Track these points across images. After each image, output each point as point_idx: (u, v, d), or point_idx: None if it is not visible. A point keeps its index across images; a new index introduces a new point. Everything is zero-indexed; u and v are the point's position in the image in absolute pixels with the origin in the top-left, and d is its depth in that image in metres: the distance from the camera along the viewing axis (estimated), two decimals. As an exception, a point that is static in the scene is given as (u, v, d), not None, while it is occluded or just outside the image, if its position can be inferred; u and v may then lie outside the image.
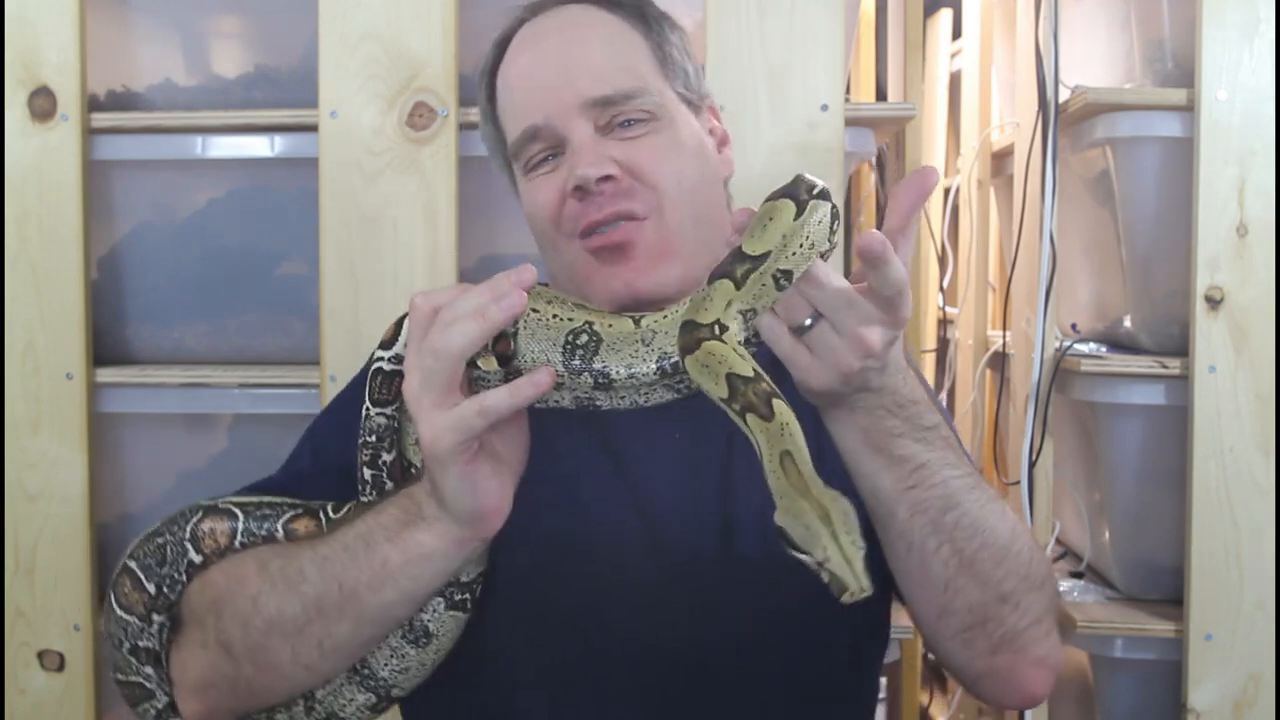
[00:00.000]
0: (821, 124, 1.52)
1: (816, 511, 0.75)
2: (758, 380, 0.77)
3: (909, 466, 0.87)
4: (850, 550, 0.74)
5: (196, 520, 0.99)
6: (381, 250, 1.56)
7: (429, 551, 0.87)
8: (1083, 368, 1.66)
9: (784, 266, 0.79)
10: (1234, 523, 1.58)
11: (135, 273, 1.69)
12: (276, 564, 0.93)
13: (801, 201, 0.80)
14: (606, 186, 0.99)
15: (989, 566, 0.89)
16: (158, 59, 1.69)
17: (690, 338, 0.79)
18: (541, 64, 1.04)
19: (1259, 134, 1.57)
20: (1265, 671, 1.58)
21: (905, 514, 0.88)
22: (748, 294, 0.80)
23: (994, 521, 0.90)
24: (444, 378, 0.81)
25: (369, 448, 0.96)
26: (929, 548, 0.89)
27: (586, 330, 0.84)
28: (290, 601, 0.90)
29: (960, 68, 2.48)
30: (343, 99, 1.55)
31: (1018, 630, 0.92)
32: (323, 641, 0.90)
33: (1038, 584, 0.93)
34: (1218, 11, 1.57)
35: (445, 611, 0.95)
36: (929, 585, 0.91)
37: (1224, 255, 1.58)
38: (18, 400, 1.61)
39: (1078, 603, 1.73)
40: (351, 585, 0.88)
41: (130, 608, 1.00)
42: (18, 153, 1.59)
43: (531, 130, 1.02)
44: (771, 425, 0.77)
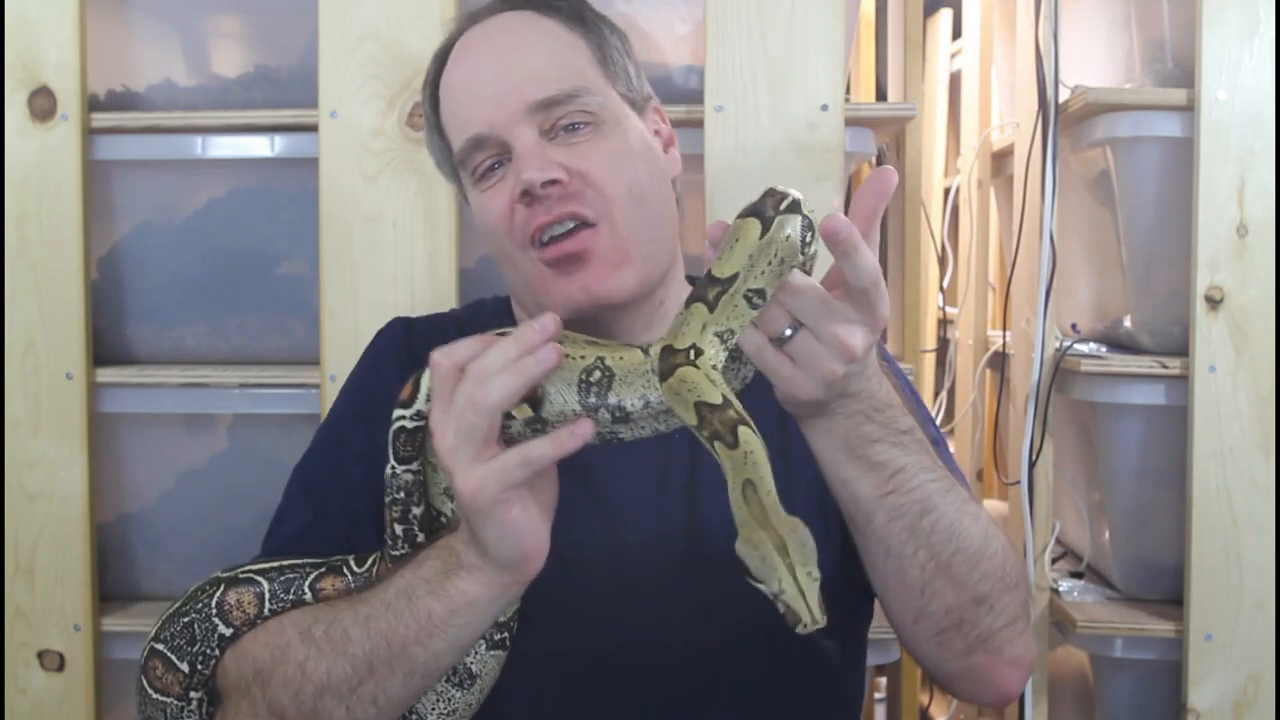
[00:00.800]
0: (821, 124, 1.52)
1: (774, 542, 0.76)
2: (725, 408, 0.78)
3: (886, 472, 0.87)
4: (805, 582, 0.75)
5: (220, 593, 0.99)
6: (381, 250, 1.56)
7: (473, 600, 0.88)
8: (1083, 368, 1.66)
9: (754, 286, 0.80)
10: (1234, 523, 1.58)
11: (135, 273, 1.69)
12: (319, 630, 0.93)
13: (767, 219, 0.80)
14: (553, 190, 0.99)
15: (965, 569, 0.90)
16: (158, 59, 1.69)
17: (667, 364, 0.80)
18: (481, 71, 1.04)
19: (1259, 134, 1.57)
20: (1265, 671, 1.58)
21: (883, 520, 0.89)
22: (721, 316, 0.80)
23: (968, 525, 0.91)
24: (483, 432, 0.82)
25: (398, 505, 0.96)
26: (906, 553, 0.89)
27: (599, 367, 0.85)
28: (339, 664, 0.90)
29: (960, 68, 2.48)
30: (343, 99, 1.55)
31: (993, 631, 0.93)
32: (377, 698, 0.91)
33: (1012, 584, 0.94)
34: (1218, 11, 1.57)
35: (487, 652, 0.96)
36: (906, 589, 0.92)
37: (1224, 255, 1.58)
38: (18, 400, 1.61)
39: (1078, 603, 1.73)
40: (400, 641, 0.89)
41: (166, 690, 1.00)
42: (18, 153, 1.59)
43: (476, 140, 1.03)
44: (735, 453, 0.78)
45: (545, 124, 1.02)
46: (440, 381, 0.84)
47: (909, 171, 2.09)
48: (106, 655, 1.65)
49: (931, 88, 2.49)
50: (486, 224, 1.05)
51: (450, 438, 0.83)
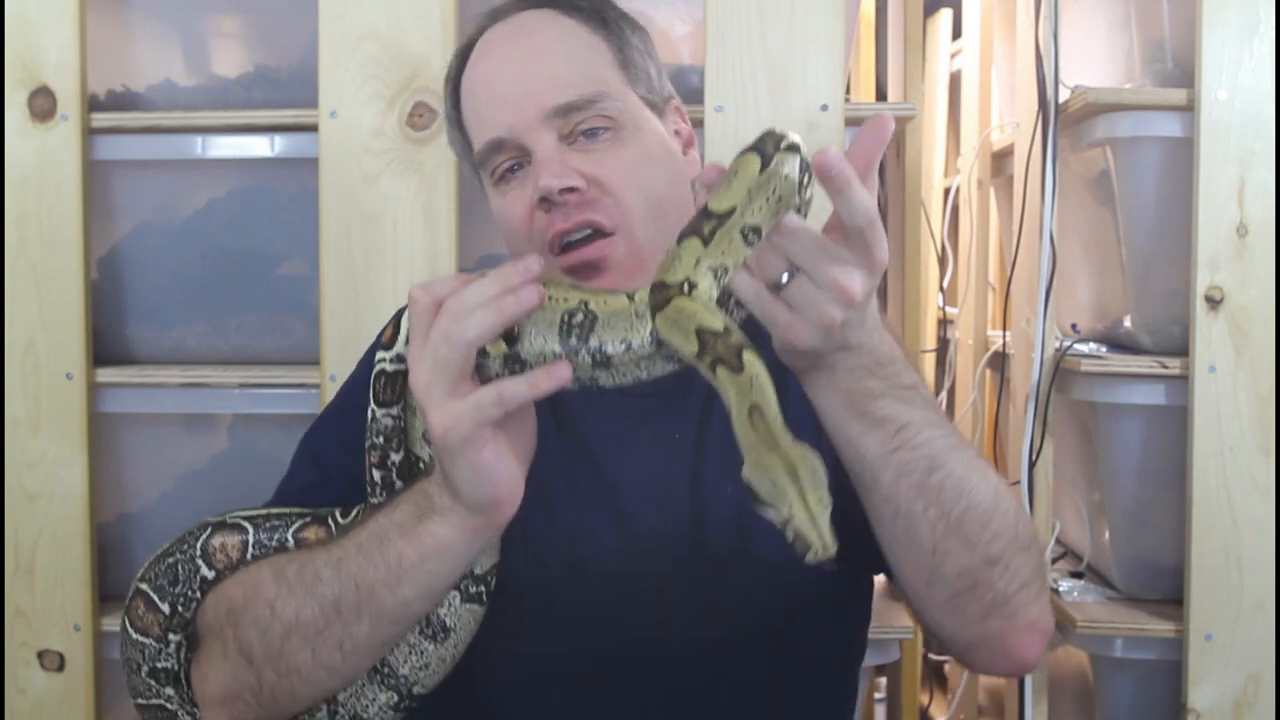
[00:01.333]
0: (821, 124, 1.52)
1: (784, 466, 0.74)
2: (727, 333, 0.76)
3: (892, 428, 0.85)
4: (816, 508, 0.73)
5: (206, 536, 0.99)
6: (381, 250, 1.56)
7: (444, 544, 0.87)
8: (1083, 368, 1.66)
9: (751, 222, 0.78)
10: (1234, 523, 1.58)
11: (135, 273, 1.69)
12: (292, 569, 0.93)
13: (767, 155, 0.78)
14: (571, 197, 0.99)
15: (976, 528, 0.88)
16: (158, 59, 1.69)
17: (660, 296, 0.78)
18: (501, 73, 1.04)
19: (1259, 134, 1.57)
20: (1265, 671, 1.58)
21: (890, 478, 0.86)
22: (716, 251, 0.79)
23: (978, 482, 0.89)
24: (457, 367, 0.81)
25: (376, 449, 0.96)
26: (915, 511, 0.87)
27: (582, 309, 0.84)
28: (308, 604, 0.90)
29: (960, 68, 2.48)
30: (343, 99, 1.55)
31: (1008, 594, 0.91)
32: (343, 642, 0.90)
33: (1025, 545, 0.91)
34: (1218, 11, 1.57)
35: (461, 605, 0.95)
36: (917, 550, 0.89)
37: (1224, 255, 1.58)
38: (18, 400, 1.61)
39: (1078, 603, 1.73)
40: (369, 584, 0.89)
41: (145, 630, 1.00)
42: (18, 153, 1.59)
43: (495, 143, 1.03)
44: (741, 378, 0.76)
45: (564, 129, 1.01)
46: (418, 317, 0.84)
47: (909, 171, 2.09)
48: (106, 655, 1.65)
49: (931, 88, 2.49)
50: (507, 226, 1.05)
51: (425, 373, 0.82)
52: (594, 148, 1.02)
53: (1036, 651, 0.96)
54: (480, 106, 1.05)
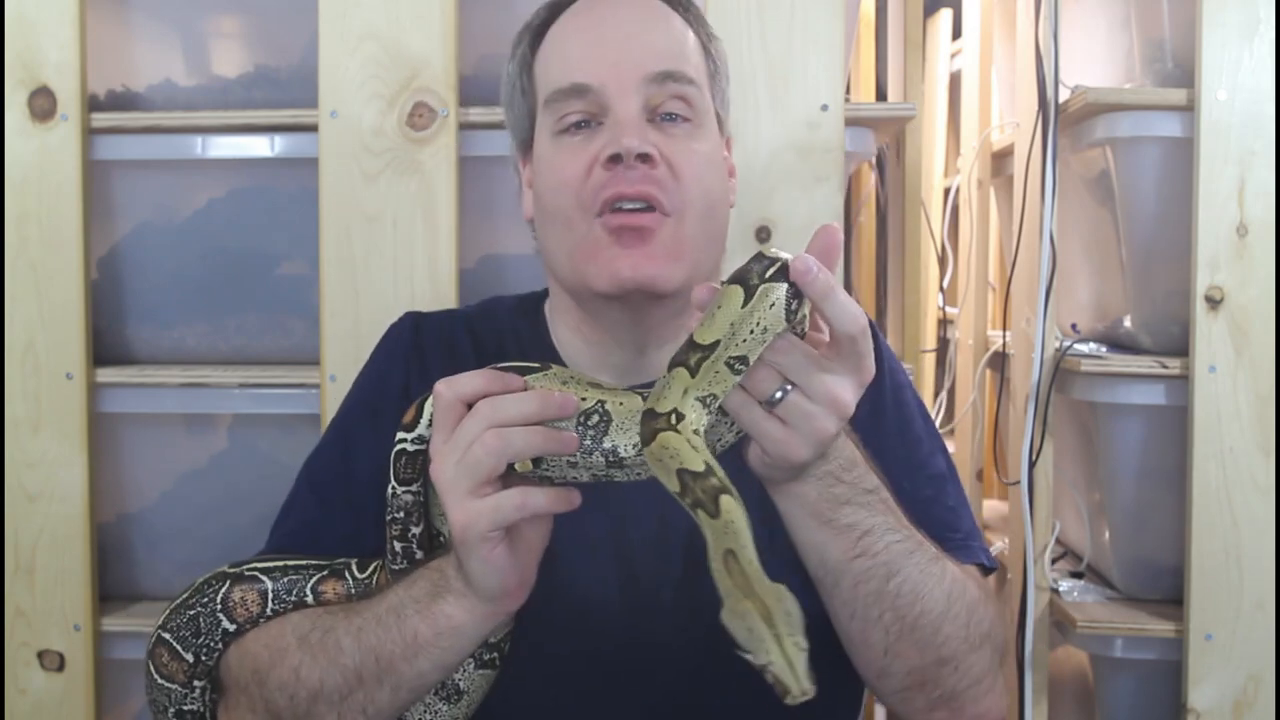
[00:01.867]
0: (821, 124, 1.52)
1: (759, 612, 0.75)
2: (707, 475, 0.77)
3: (854, 535, 0.87)
4: (792, 652, 0.74)
5: (226, 589, 1.01)
6: (381, 250, 1.56)
7: (457, 625, 0.89)
8: (1083, 368, 1.66)
9: (735, 354, 0.79)
10: (1234, 523, 1.58)
11: (135, 273, 1.69)
12: (315, 636, 0.95)
13: (751, 287, 0.79)
14: (641, 166, 0.99)
15: (928, 632, 0.90)
16: (158, 59, 1.69)
17: (648, 428, 0.80)
18: (605, 30, 1.04)
19: (1259, 134, 1.57)
20: (1265, 671, 1.58)
21: (849, 584, 0.88)
22: (702, 381, 0.80)
23: (932, 586, 0.90)
24: (487, 471, 0.83)
25: (398, 523, 0.98)
26: (871, 615, 0.89)
27: (598, 411, 0.85)
28: (331, 673, 0.93)
29: (960, 68, 2.48)
30: (343, 99, 1.55)
31: (956, 691, 0.93)
32: (366, 708, 0.93)
33: (978, 643, 0.93)
34: (1218, 11, 1.57)
35: (475, 671, 0.98)
36: (869, 649, 0.92)
37: (1224, 255, 1.58)
38: (18, 400, 1.61)
39: (1078, 603, 1.73)
40: (388, 657, 0.91)
41: (171, 677, 1.03)
42: (18, 153, 1.59)
43: (579, 87, 1.01)
44: (717, 523, 0.77)
45: (654, 99, 1.01)
46: (442, 412, 0.85)
47: (909, 171, 2.09)
48: (106, 655, 1.65)
49: (931, 88, 2.49)
50: (556, 178, 1.03)
51: (450, 469, 0.84)
52: (673, 131, 1.02)
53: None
54: (572, 53, 1.04)
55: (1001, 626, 0.99)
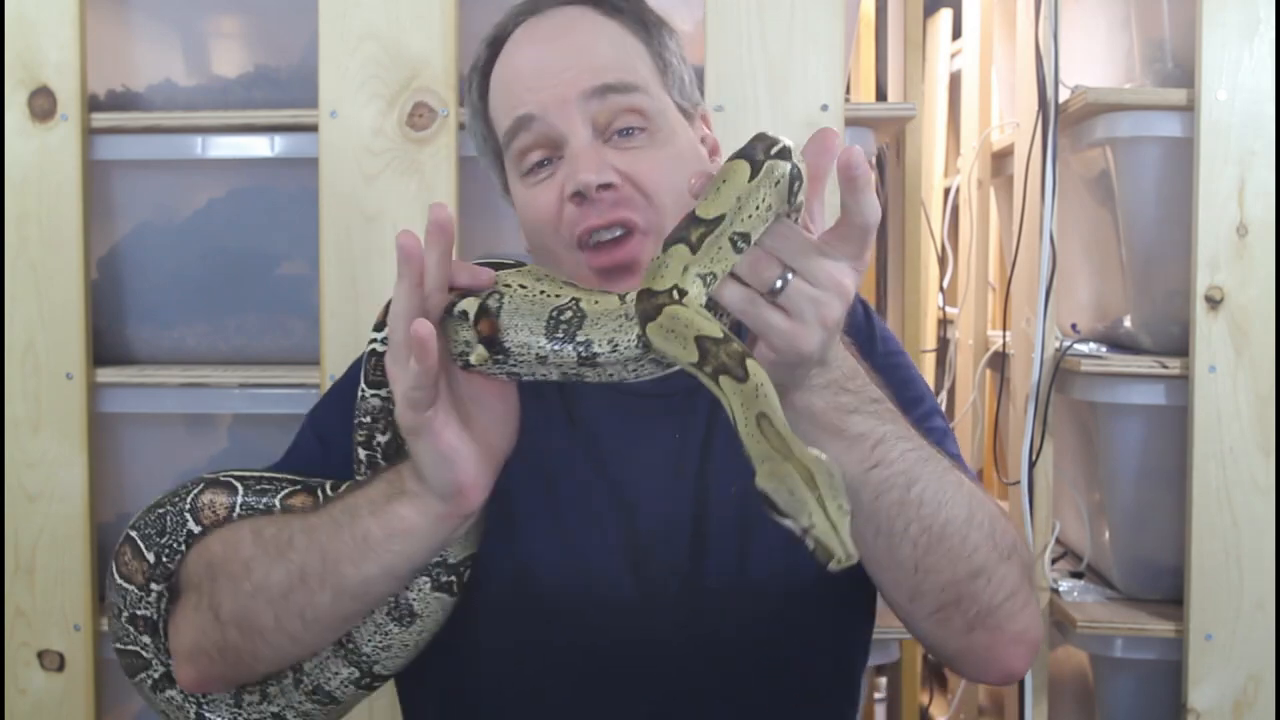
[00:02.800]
0: (821, 124, 1.51)
1: (801, 474, 0.72)
2: (729, 341, 0.75)
3: (868, 444, 0.85)
4: (836, 515, 0.71)
5: (197, 492, 1.00)
6: (382, 250, 1.56)
7: (409, 526, 0.88)
8: (1083, 368, 1.66)
9: (740, 229, 0.77)
10: (1234, 523, 1.58)
11: (135, 273, 1.69)
12: (270, 531, 0.94)
13: (757, 162, 0.77)
14: (606, 195, 0.98)
15: (956, 541, 0.88)
16: (158, 59, 1.69)
17: (649, 304, 0.77)
18: (539, 58, 1.03)
19: (1259, 134, 1.57)
20: (1265, 671, 1.58)
21: (870, 496, 0.86)
22: (704, 258, 0.77)
23: (953, 493, 0.88)
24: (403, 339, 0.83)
25: (364, 428, 0.97)
26: (896, 529, 0.87)
27: (571, 307, 0.84)
28: (277, 568, 0.91)
29: (960, 68, 2.48)
30: (343, 99, 1.55)
31: (993, 606, 0.90)
32: (304, 611, 0.91)
33: (1006, 554, 0.91)
34: (1218, 11, 1.57)
35: (431, 592, 0.95)
36: (899, 569, 0.89)
37: (1224, 255, 1.58)
38: (18, 400, 1.61)
39: (1078, 603, 1.73)
40: (334, 556, 0.89)
41: (129, 576, 1.01)
42: (18, 153, 1.59)
43: (524, 118, 1.01)
44: (746, 386, 0.74)
45: (600, 117, 1.00)
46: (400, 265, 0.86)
47: (909, 171, 2.09)
48: (106, 655, 1.65)
49: (931, 88, 2.49)
50: (533, 219, 1.03)
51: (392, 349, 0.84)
52: (629, 146, 1.01)
53: (1024, 662, 0.95)
54: (513, 86, 1.04)
55: (1024, 545, 0.96)
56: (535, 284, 0.86)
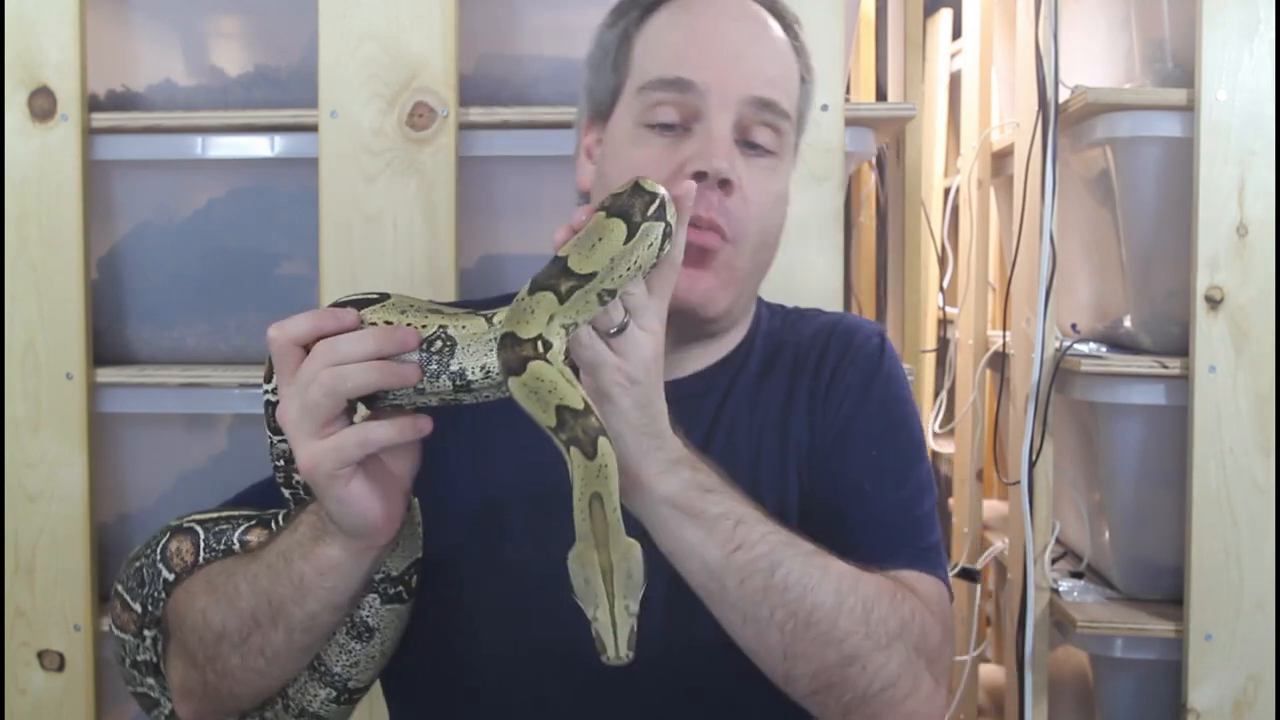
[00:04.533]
0: (821, 124, 1.52)
1: (603, 565, 0.76)
2: (587, 414, 0.77)
3: (729, 524, 0.85)
4: (620, 615, 0.75)
5: (165, 541, 1.06)
6: (381, 250, 1.56)
7: (335, 563, 0.90)
8: (1083, 368, 1.66)
9: (609, 287, 0.79)
10: (1234, 523, 1.58)
11: (135, 273, 1.69)
12: (219, 580, 0.98)
13: (634, 225, 0.79)
14: (722, 190, 0.98)
15: (825, 627, 0.86)
16: (158, 59, 1.69)
17: (513, 355, 0.78)
18: (719, 34, 1.02)
19: (1259, 134, 1.57)
20: (1265, 671, 1.58)
21: (735, 583, 0.86)
22: (571, 309, 0.79)
23: (819, 577, 0.87)
24: (327, 412, 0.82)
25: (281, 471, 1.00)
26: (762, 615, 0.86)
27: (441, 336, 0.84)
28: (230, 616, 0.95)
29: (960, 68, 2.48)
30: (343, 99, 1.55)
31: (869, 694, 0.88)
32: (263, 649, 0.95)
33: (884, 643, 0.88)
34: (1218, 11, 1.57)
35: (383, 606, 0.99)
36: (769, 654, 0.88)
37: (1224, 255, 1.58)
38: (18, 400, 1.61)
39: (1078, 603, 1.73)
40: (279, 600, 0.92)
41: (124, 627, 1.08)
42: (18, 153, 1.59)
43: (683, 82, 0.99)
44: (591, 465, 0.76)
45: (745, 120, 1.00)
46: (279, 357, 0.85)
47: (909, 171, 2.09)
48: (106, 655, 1.65)
49: (931, 88, 2.49)
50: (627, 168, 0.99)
51: (294, 412, 0.83)
52: (755, 161, 1.01)
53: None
54: (683, 46, 1.02)
55: (934, 634, 0.93)
56: (400, 317, 0.86)
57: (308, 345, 0.84)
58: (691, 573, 0.87)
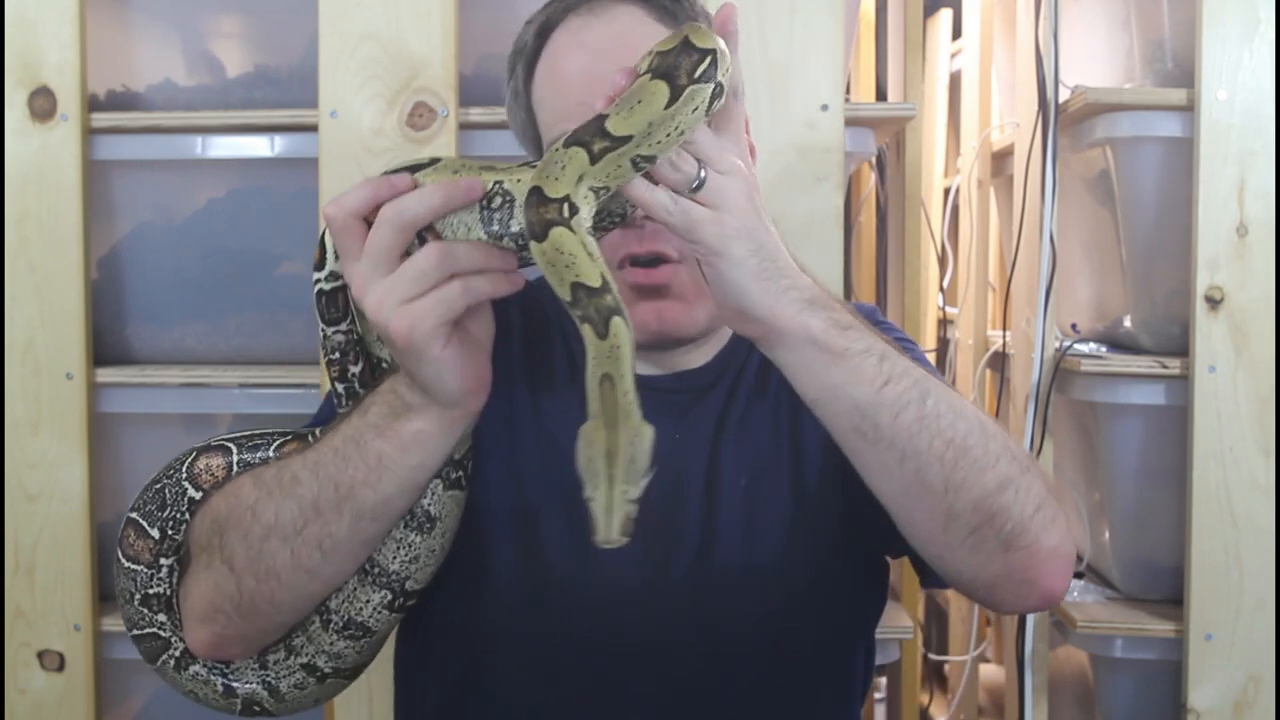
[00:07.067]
0: (821, 124, 1.52)
1: (609, 447, 0.75)
2: (603, 292, 0.75)
3: (874, 359, 0.82)
4: (617, 500, 0.74)
5: (191, 460, 1.00)
6: (381, 250, 1.55)
7: (423, 436, 0.88)
8: (1083, 368, 1.66)
9: (645, 153, 0.76)
10: (1234, 523, 1.58)
11: (135, 273, 1.69)
12: (269, 474, 0.94)
13: (678, 87, 0.75)
14: (649, 223, 0.97)
15: (979, 452, 0.85)
16: (158, 59, 1.69)
17: (537, 216, 0.75)
18: (589, 69, 1.00)
19: (1259, 134, 1.57)
20: (1265, 671, 1.58)
21: (889, 418, 0.83)
22: (601, 172, 0.76)
23: (961, 403, 0.86)
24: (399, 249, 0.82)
25: (335, 365, 0.97)
26: (920, 447, 0.83)
27: (499, 192, 0.82)
28: (286, 505, 0.91)
29: (960, 68, 2.48)
30: (343, 99, 1.55)
31: (1024, 519, 0.86)
32: (322, 542, 0.91)
33: (1026, 465, 0.88)
34: (1218, 11, 1.57)
35: (445, 493, 0.95)
36: (929, 493, 0.85)
37: (1224, 255, 1.58)
38: (18, 400, 1.61)
39: (1078, 603, 1.73)
40: (348, 484, 0.89)
41: (136, 557, 1.01)
42: (18, 153, 1.59)
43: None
44: (603, 344, 0.75)
45: None
46: (341, 234, 0.84)
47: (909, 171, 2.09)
48: (106, 655, 1.65)
49: (931, 88, 2.49)
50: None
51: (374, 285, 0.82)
52: None
53: (1063, 580, 0.92)
54: (560, 97, 1.02)
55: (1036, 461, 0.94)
56: (454, 176, 0.84)
57: (368, 218, 0.83)
58: (841, 414, 0.84)
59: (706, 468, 1.04)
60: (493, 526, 1.02)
